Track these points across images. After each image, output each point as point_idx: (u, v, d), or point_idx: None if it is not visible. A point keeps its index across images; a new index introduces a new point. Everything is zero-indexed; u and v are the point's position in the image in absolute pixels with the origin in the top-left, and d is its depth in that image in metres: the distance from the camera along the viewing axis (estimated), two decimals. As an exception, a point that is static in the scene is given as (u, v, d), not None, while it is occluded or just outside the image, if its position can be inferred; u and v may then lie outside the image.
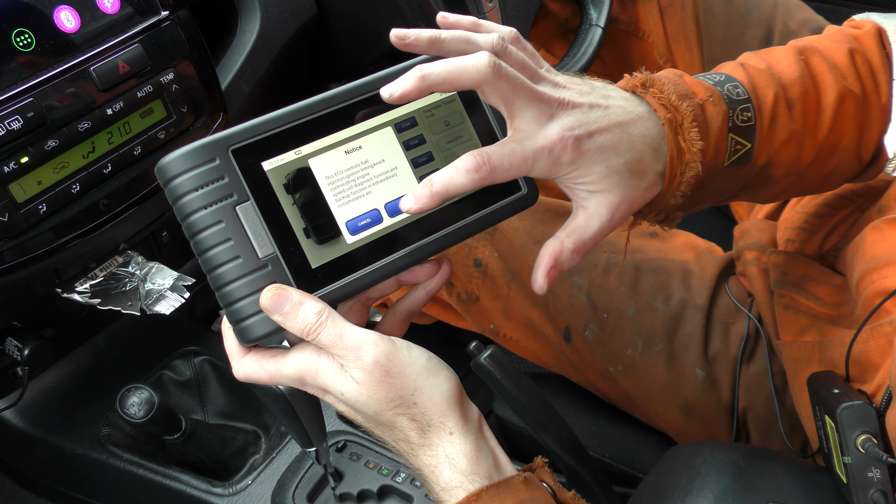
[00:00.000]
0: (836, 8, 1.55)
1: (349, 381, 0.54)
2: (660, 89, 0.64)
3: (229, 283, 0.53)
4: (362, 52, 1.14)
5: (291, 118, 0.55)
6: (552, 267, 0.60)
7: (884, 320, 0.70)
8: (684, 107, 0.63)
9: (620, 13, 1.24)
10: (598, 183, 0.59)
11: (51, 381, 1.09)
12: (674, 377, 0.96)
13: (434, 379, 0.56)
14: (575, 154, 0.57)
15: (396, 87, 0.54)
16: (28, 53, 0.71)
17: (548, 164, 0.57)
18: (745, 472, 0.72)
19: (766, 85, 0.70)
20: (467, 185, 0.55)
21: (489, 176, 0.55)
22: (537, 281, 0.61)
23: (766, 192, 0.75)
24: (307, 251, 0.55)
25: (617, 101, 0.61)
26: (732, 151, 0.67)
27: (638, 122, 0.61)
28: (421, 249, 0.59)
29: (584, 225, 0.61)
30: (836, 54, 0.75)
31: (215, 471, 1.04)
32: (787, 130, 0.70)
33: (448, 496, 0.56)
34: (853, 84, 0.74)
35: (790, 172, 0.73)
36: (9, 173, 0.70)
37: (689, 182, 0.63)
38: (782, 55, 0.74)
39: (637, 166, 0.60)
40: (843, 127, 0.74)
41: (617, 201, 0.60)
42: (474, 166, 0.54)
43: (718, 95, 0.67)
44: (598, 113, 0.59)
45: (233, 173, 0.53)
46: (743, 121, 0.67)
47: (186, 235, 0.54)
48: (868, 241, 0.76)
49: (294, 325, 0.53)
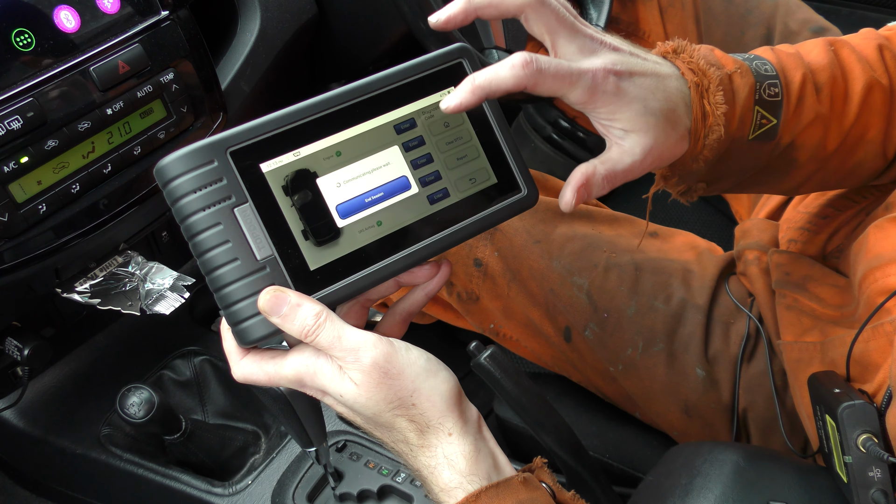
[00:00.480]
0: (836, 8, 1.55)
1: (348, 382, 0.54)
2: (690, 55, 0.67)
3: (228, 284, 0.53)
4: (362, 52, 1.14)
5: (290, 120, 0.55)
6: (582, 185, 0.61)
7: (884, 320, 0.70)
8: (711, 71, 0.65)
9: (620, 13, 1.24)
10: (635, 122, 0.61)
11: (51, 381, 1.09)
12: (674, 377, 0.96)
13: (433, 380, 0.56)
14: (615, 87, 0.60)
15: (443, 12, 0.58)
16: (28, 53, 0.71)
17: (589, 88, 0.59)
18: (746, 472, 0.72)
19: (795, 66, 0.72)
20: (511, 81, 0.56)
21: (534, 76, 0.56)
22: (566, 196, 0.61)
23: (790, 178, 0.76)
24: (305, 253, 0.55)
25: (654, 58, 0.65)
26: (758, 125, 0.69)
27: (672, 78, 0.64)
28: (420, 251, 0.58)
29: (618, 158, 0.62)
30: (866, 48, 0.76)
31: (215, 471, 1.04)
32: (813, 111, 0.71)
33: (447, 497, 0.56)
34: (881, 76, 0.75)
35: (814, 158, 0.74)
36: (9, 173, 0.70)
37: (713, 147, 0.65)
38: (812, 45, 0.76)
39: (671, 115, 0.63)
40: (870, 118, 0.75)
41: (650, 144, 0.62)
42: (522, 62, 0.56)
43: (746, 68, 0.68)
44: (638, 60, 0.63)
45: (231, 175, 0.53)
46: (770, 95, 0.69)
47: (185, 237, 0.54)
48: (871, 239, 0.76)
49: (292, 327, 0.53)
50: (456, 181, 0.61)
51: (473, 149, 0.62)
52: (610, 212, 1.07)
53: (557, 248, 0.99)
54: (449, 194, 0.60)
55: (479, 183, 0.61)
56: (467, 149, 0.61)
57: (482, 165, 0.62)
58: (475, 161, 0.62)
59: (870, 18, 1.53)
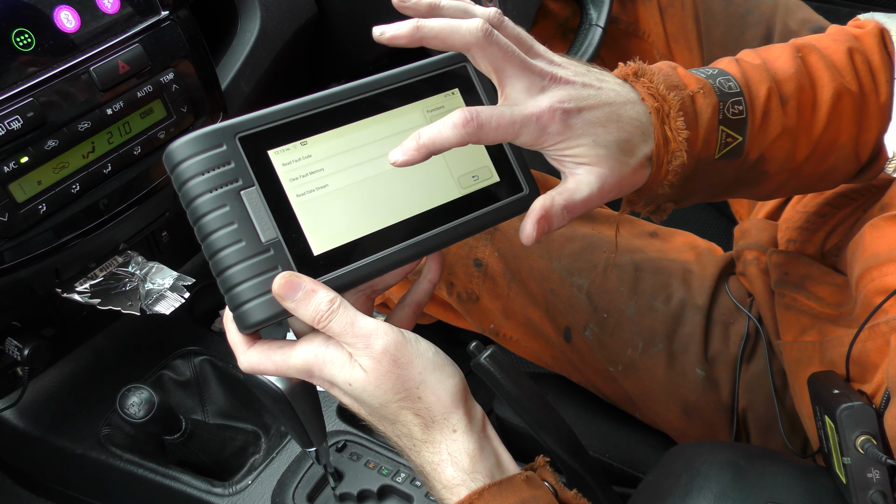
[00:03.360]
0: (835, 8, 1.55)
1: (357, 370, 0.54)
2: (650, 79, 0.65)
3: (230, 266, 0.54)
4: (362, 52, 1.14)
5: (299, 110, 0.56)
6: (542, 217, 0.60)
7: (880, 320, 0.70)
8: (671, 96, 0.64)
9: (620, 13, 1.24)
10: (585, 156, 0.60)
11: (51, 381, 1.09)
12: (674, 377, 0.96)
13: (439, 374, 0.56)
14: (563, 126, 0.58)
15: (390, 28, 0.57)
16: (28, 53, 0.71)
17: (535, 132, 0.58)
18: (745, 472, 0.72)
19: (760, 80, 0.70)
20: (454, 139, 0.55)
21: (476, 132, 0.56)
22: (526, 229, 0.60)
23: (762, 187, 0.75)
24: (310, 238, 0.55)
25: (610, 85, 0.63)
26: (723, 144, 0.67)
27: (628, 106, 0.62)
28: (420, 244, 0.59)
29: (574, 188, 0.61)
30: (835, 53, 0.75)
31: (215, 471, 1.04)
32: (779, 125, 0.71)
33: (450, 494, 0.56)
34: (850, 82, 0.74)
35: (784, 168, 0.73)
36: (9, 173, 0.70)
37: (676, 171, 0.64)
38: (779, 52, 0.74)
39: (625, 146, 0.61)
40: (840, 125, 0.74)
41: (605, 174, 0.61)
42: (462, 121, 0.55)
43: (709, 88, 0.67)
44: (591, 91, 0.61)
45: (239, 159, 0.54)
46: (734, 114, 0.68)
47: (190, 221, 0.55)
48: (867, 238, 0.76)
49: (305, 313, 0.54)
50: (458, 178, 0.61)
51: (476, 147, 0.63)
52: (610, 212, 1.07)
53: (557, 248, 0.99)
54: (452, 190, 0.61)
55: (481, 181, 0.62)
56: (470, 147, 0.62)
57: (484, 164, 0.63)
58: (478, 159, 0.62)
59: (870, 18, 1.53)
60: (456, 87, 0.63)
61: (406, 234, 0.59)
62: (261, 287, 0.54)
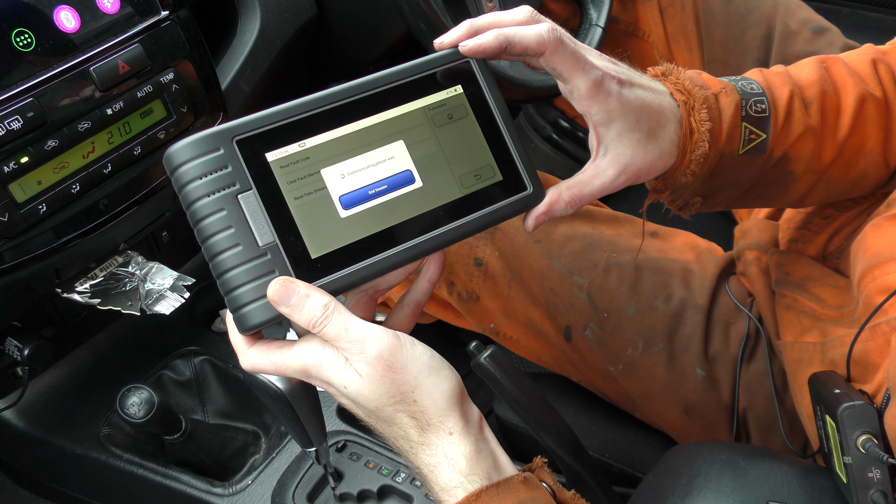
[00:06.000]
0: (835, 8, 1.55)
1: (353, 374, 0.54)
2: (677, 77, 0.71)
3: (229, 269, 0.54)
4: (362, 52, 1.14)
5: (297, 111, 0.56)
6: (543, 213, 0.64)
7: (881, 320, 0.70)
8: (696, 91, 0.69)
9: (620, 13, 1.24)
10: (623, 134, 0.64)
11: (51, 381, 1.10)
12: (674, 377, 0.96)
13: (435, 377, 0.56)
14: (617, 91, 0.63)
15: (474, 41, 0.61)
16: (28, 53, 0.71)
17: (595, 81, 0.62)
18: (745, 472, 0.72)
19: (782, 84, 0.75)
20: (533, 39, 0.60)
21: (554, 44, 0.60)
22: (527, 220, 0.64)
23: (791, 190, 0.78)
24: (307, 241, 0.55)
25: (647, 77, 0.69)
26: (747, 140, 0.71)
27: (666, 94, 0.69)
28: (420, 245, 0.59)
29: (588, 181, 0.65)
30: (859, 64, 0.78)
31: (215, 471, 1.04)
32: (802, 125, 0.74)
33: (447, 496, 0.56)
34: (874, 89, 0.77)
35: (811, 169, 0.76)
36: (9, 173, 0.70)
37: (699, 161, 0.69)
38: (804, 64, 0.78)
39: (658, 131, 0.66)
40: (866, 130, 0.76)
41: (627, 163, 0.65)
42: (549, 27, 0.60)
43: (731, 88, 0.72)
44: (637, 74, 0.68)
45: (236, 162, 0.54)
46: (757, 111, 0.72)
47: (190, 223, 0.55)
48: (869, 238, 0.76)
49: (300, 318, 0.54)
50: (460, 177, 0.61)
51: (479, 146, 0.62)
52: (610, 211, 1.07)
53: (558, 247, 0.99)
54: (453, 190, 0.60)
55: (483, 179, 0.62)
56: (473, 146, 0.61)
57: (487, 162, 0.62)
58: (480, 158, 0.62)
59: (870, 18, 1.53)
60: (459, 84, 0.62)
61: (405, 236, 0.58)
62: (259, 290, 0.54)
